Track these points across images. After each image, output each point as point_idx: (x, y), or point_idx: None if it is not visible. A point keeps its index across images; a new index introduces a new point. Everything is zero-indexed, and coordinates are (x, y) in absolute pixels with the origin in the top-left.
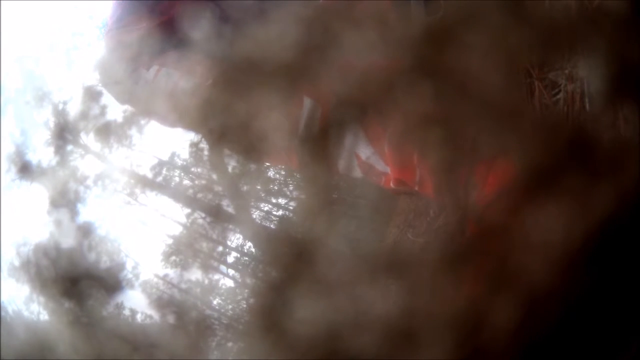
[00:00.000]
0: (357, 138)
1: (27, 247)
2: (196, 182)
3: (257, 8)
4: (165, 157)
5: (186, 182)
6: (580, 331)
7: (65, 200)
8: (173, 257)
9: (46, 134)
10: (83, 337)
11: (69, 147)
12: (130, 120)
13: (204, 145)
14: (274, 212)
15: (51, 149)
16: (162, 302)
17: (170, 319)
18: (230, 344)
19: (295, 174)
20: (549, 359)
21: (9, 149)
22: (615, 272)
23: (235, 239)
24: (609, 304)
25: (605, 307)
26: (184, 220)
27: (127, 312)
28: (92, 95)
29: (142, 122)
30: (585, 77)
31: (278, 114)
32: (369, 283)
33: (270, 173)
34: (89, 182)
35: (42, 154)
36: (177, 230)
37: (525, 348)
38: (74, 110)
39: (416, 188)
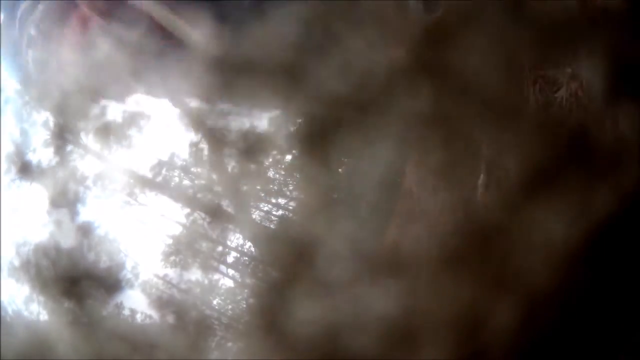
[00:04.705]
0: None
1: (27, 247)
2: (196, 182)
3: (256, 8)
4: (165, 157)
5: (186, 182)
6: (580, 331)
7: (65, 201)
8: (173, 257)
9: (46, 134)
10: (83, 337)
11: (69, 147)
12: (130, 121)
13: (204, 145)
14: (274, 212)
15: (51, 149)
16: (162, 302)
17: (170, 319)
18: (230, 344)
19: (295, 174)
20: (549, 359)
21: (9, 149)
22: (616, 272)
23: (235, 239)
24: (609, 304)
25: (605, 308)
26: (183, 220)
27: (126, 312)
28: (92, 95)
29: (142, 122)
30: (585, 76)
31: (278, 114)
32: (369, 283)
33: (270, 173)
34: (89, 182)
35: (42, 154)
36: (177, 230)
37: (525, 348)
38: (74, 110)
39: None
